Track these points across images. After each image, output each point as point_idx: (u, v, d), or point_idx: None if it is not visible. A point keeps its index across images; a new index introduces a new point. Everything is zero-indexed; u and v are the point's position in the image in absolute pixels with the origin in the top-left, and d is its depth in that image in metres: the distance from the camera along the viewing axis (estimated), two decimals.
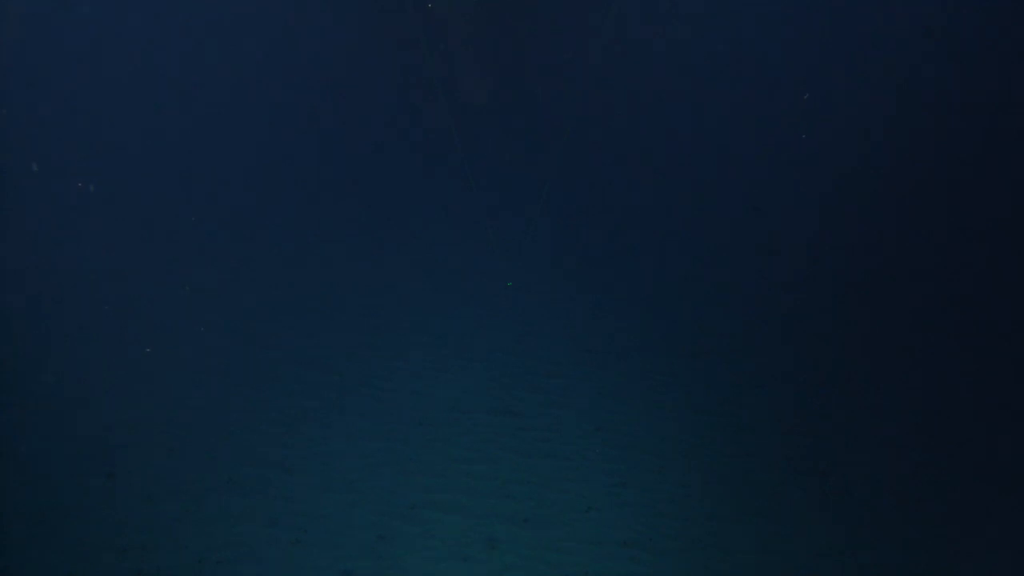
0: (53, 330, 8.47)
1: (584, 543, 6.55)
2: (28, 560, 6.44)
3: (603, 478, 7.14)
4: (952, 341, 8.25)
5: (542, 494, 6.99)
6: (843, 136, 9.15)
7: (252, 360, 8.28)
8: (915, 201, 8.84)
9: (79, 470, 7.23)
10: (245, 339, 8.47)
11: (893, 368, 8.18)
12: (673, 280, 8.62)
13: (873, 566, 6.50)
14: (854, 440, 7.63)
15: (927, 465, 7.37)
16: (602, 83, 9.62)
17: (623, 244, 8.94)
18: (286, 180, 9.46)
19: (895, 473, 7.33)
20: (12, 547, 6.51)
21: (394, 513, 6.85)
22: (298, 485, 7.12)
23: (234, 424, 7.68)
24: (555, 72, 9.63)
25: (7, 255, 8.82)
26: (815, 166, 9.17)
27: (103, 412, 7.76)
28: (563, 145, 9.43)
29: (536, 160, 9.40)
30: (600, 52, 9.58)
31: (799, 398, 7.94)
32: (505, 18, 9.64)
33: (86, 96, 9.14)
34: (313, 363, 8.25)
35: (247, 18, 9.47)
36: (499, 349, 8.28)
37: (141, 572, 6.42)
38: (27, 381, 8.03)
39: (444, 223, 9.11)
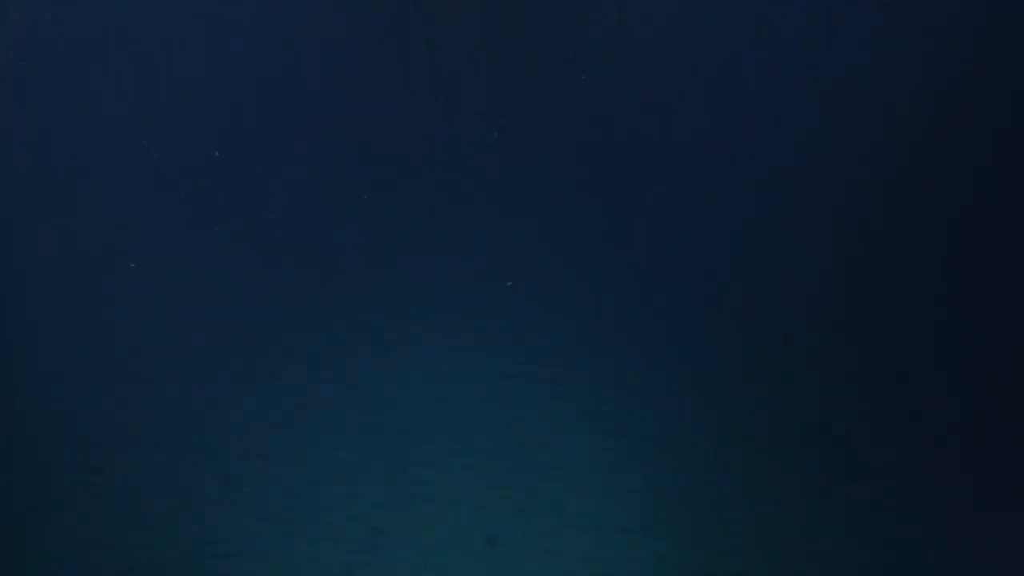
0: (39, 322, 8.39)
1: (582, 530, 6.48)
2: (11, 558, 6.35)
3: (599, 465, 7.06)
4: (957, 341, 8.18)
5: (538, 483, 6.91)
6: (848, 135, 9.14)
7: (243, 353, 8.20)
8: (924, 200, 8.81)
9: (64, 465, 7.13)
10: (235, 332, 8.39)
11: (893, 359, 8.11)
12: (670, 270, 8.57)
13: (874, 551, 6.43)
14: (854, 427, 7.55)
15: (927, 458, 7.29)
16: (603, 82, 9.62)
17: (619, 235, 8.90)
18: (281, 177, 9.43)
19: (896, 461, 7.25)
20: None
21: (389, 504, 6.76)
22: (290, 478, 7.03)
23: (224, 418, 7.59)
24: (556, 71, 9.63)
25: None
26: (818, 165, 9.16)
27: (89, 406, 7.66)
28: (562, 143, 9.41)
29: (535, 156, 9.38)
30: (602, 51, 9.59)
31: (798, 384, 7.87)
32: (506, 17, 9.65)
33: (87, 97, 9.15)
34: (305, 356, 8.18)
35: (250, 19, 9.48)
36: (494, 339, 8.21)
37: (130, 569, 6.33)
38: (9, 374, 7.95)
39: (439, 218, 9.07)
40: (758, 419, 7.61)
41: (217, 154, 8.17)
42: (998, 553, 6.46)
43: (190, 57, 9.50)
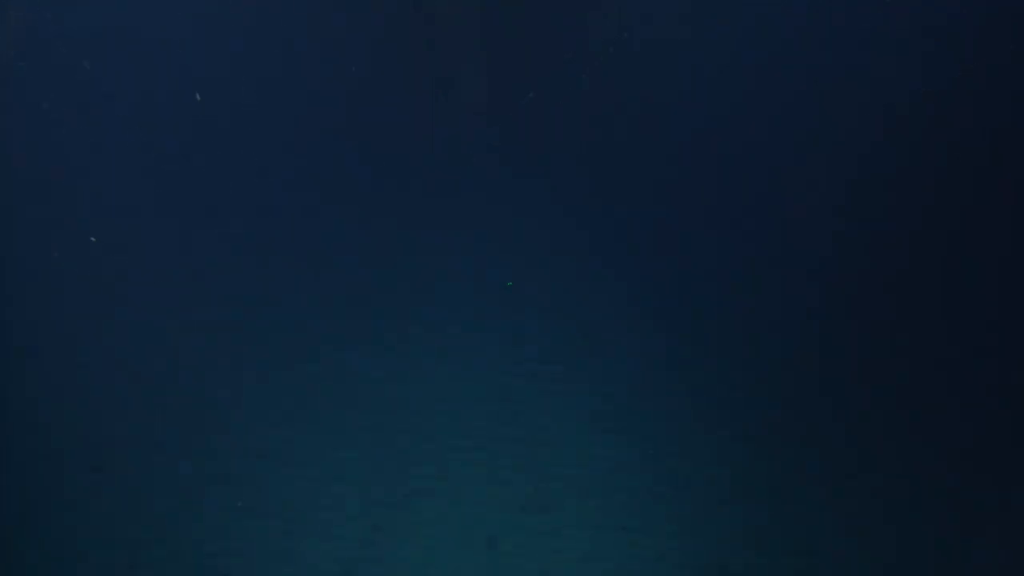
0: (38, 320, 8.38)
1: (582, 528, 6.47)
2: (13, 558, 6.33)
3: (600, 463, 7.05)
4: (961, 341, 8.18)
5: (539, 481, 6.90)
6: (850, 135, 9.14)
7: (242, 351, 8.19)
8: (925, 200, 8.81)
9: (64, 464, 7.12)
10: (235, 330, 8.39)
11: (896, 359, 8.11)
12: (672, 268, 8.57)
13: (876, 550, 6.42)
14: (856, 426, 7.55)
15: (930, 457, 7.29)
16: (604, 81, 9.62)
17: (620, 233, 8.90)
18: (281, 177, 9.42)
19: (899, 461, 7.25)
20: None
21: (389, 503, 6.75)
22: (291, 477, 7.02)
23: (224, 416, 7.58)
24: (556, 71, 9.63)
25: None
26: (821, 165, 9.16)
27: (89, 405, 7.65)
28: (563, 143, 9.40)
29: (536, 156, 9.38)
30: (601, 51, 9.59)
31: (797, 382, 7.87)
32: (507, 17, 9.66)
33: (88, 96, 9.16)
34: (304, 354, 8.17)
35: (250, 18, 9.48)
36: (494, 337, 8.20)
37: (130, 567, 6.32)
38: (9, 373, 7.94)
39: (439, 217, 9.08)
40: (760, 418, 7.61)
41: (198, 97, 8.12)
42: (1002, 553, 6.45)
43: (190, 57, 9.49)
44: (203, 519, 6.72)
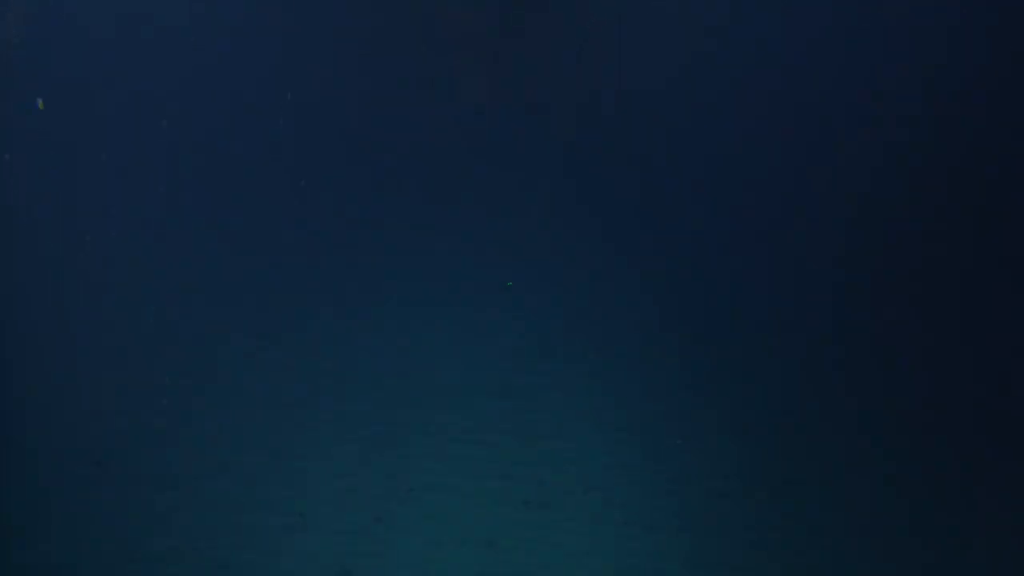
0: (39, 315, 8.39)
1: (584, 523, 6.49)
2: (16, 552, 6.33)
3: (602, 459, 7.10)
4: (967, 340, 8.21)
5: (541, 476, 6.94)
6: (865, 143, 9.20)
7: (245, 345, 8.22)
8: (937, 201, 8.87)
9: (67, 458, 7.13)
10: (237, 325, 8.42)
11: (899, 354, 8.16)
12: (671, 263, 8.63)
13: (876, 546, 6.44)
14: (856, 423, 7.59)
15: (932, 455, 7.32)
16: (615, 83, 9.67)
17: (621, 229, 8.95)
18: (280, 172, 9.45)
19: (899, 457, 7.29)
20: None
21: (391, 496, 6.77)
22: (293, 470, 7.05)
23: (227, 409, 7.61)
24: (556, 72, 9.67)
25: None
26: (815, 161, 9.20)
27: (91, 398, 7.67)
28: (563, 141, 9.46)
29: (541, 156, 9.44)
30: (601, 52, 9.63)
31: (800, 379, 7.91)
32: (507, 17, 9.70)
33: (85, 95, 9.18)
34: (307, 348, 8.20)
35: (251, 18, 9.51)
36: (497, 332, 8.24)
37: (130, 560, 6.31)
38: (10, 367, 7.95)
39: (444, 216, 9.12)
40: (760, 414, 7.65)
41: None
42: (1002, 553, 6.47)
43: (191, 58, 9.54)
44: (203, 512, 6.73)
